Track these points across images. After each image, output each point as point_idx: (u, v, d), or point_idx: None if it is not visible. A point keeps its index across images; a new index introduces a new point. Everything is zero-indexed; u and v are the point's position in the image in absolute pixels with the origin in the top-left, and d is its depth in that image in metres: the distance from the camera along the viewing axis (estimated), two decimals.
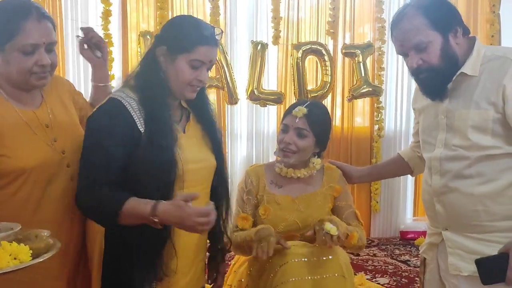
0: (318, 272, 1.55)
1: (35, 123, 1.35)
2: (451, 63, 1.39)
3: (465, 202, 1.42)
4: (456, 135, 1.44)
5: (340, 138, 3.22)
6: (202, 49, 1.36)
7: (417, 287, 2.27)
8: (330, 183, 1.80)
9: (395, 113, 3.28)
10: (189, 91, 1.41)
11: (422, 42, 1.36)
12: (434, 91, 1.46)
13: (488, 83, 1.37)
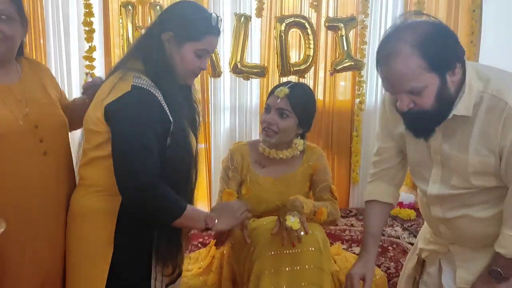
0: (296, 247, 1.63)
1: (6, 96, 1.38)
2: (446, 105, 1.25)
3: (475, 225, 1.37)
4: (453, 175, 1.36)
5: (322, 112, 3.27)
6: (209, 38, 1.40)
7: (391, 256, 2.38)
8: (309, 162, 1.87)
9: (376, 87, 3.33)
10: (191, 78, 1.47)
11: (418, 87, 1.20)
12: (421, 131, 1.32)
13: (486, 129, 1.25)
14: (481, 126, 1.25)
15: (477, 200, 1.35)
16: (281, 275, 1.60)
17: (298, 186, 1.85)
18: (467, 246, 1.44)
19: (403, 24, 1.23)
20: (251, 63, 2.99)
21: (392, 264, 2.29)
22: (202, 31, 1.38)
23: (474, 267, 1.42)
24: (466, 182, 1.33)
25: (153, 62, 1.39)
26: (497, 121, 1.21)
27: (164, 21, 1.42)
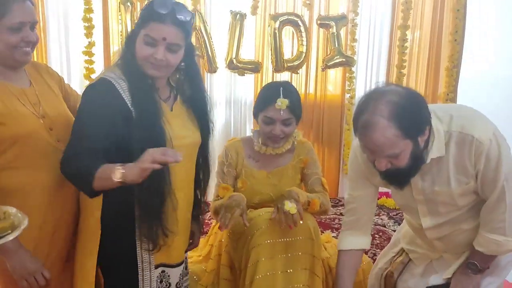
0: (289, 235, 1.77)
1: (24, 99, 1.46)
2: (419, 160, 1.39)
3: (465, 235, 1.56)
4: (439, 206, 1.52)
5: (313, 105, 3.40)
6: (153, 25, 1.37)
7: (377, 243, 2.54)
8: (300, 156, 2.00)
9: (365, 82, 3.46)
10: (148, 68, 1.43)
11: (395, 153, 1.33)
12: (398, 183, 1.47)
13: (460, 161, 1.41)
14: (455, 160, 1.41)
15: (466, 216, 1.53)
16: (276, 262, 1.72)
17: (290, 179, 1.98)
18: (459, 252, 1.62)
19: (377, 94, 1.34)
20: (246, 59, 3.09)
21: (378, 251, 2.45)
22: (147, 17, 1.39)
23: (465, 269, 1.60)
24: (453, 207, 1.50)
25: (123, 56, 1.46)
26: (469, 152, 1.38)
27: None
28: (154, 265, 1.53)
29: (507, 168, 1.40)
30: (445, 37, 3.48)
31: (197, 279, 1.99)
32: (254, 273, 1.72)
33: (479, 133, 1.36)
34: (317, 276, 1.79)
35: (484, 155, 1.37)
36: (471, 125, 1.38)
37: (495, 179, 1.40)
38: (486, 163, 1.38)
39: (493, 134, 1.37)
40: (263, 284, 1.70)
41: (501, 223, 1.44)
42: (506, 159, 1.39)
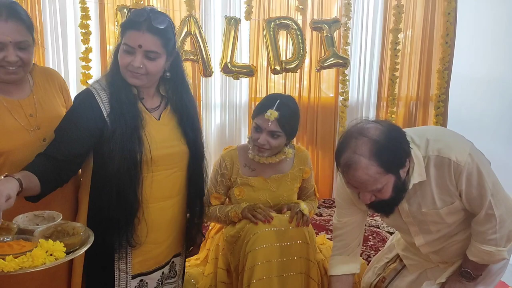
0: (285, 240, 1.82)
1: (18, 112, 1.50)
2: (402, 191, 1.46)
3: (459, 245, 1.62)
4: (429, 225, 1.58)
5: (307, 107, 3.44)
6: (130, 33, 1.42)
7: (371, 245, 2.59)
8: (300, 165, 2.04)
9: (358, 84, 3.51)
10: (128, 76, 1.47)
11: (378, 188, 1.39)
12: (384, 212, 1.55)
13: (442, 183, 1.47)
14: (436, 182, 1.47)
15: (457, 229, 1.59)
16: (272, 266, 1.77)
17: (288, 186, 2.02)
18: (455, 261, 1.68)
19: (357, 133, 1.38)
20: (241, 63, 3.13)
21: (372, 252, 2.49)
22: (125, 26, 1.44)
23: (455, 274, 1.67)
24: (443, 224, 1.56)
25: (109, 66, 1.52)
26: (448, 174, 1.43)
27: None
28: (131, 275, 1.59)
29: (490, 183, 1.45)
30: (437, 40, 3.54)
31: (195, 283, 2.03)
32: (250, 277, 1.77)
33: (456, 155, 1.41)
34: (313, 279, 1.85)
35: (464, 176, 1.42)
36: (447, 147, 1.44)
37: (481, 195, 1.45)
38: (467, 183, 1.43)
39: (469, 154, 1.42)
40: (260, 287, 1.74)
41: (492, 235, 1.50)
42: (487, 174, 1.44)
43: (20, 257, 1.13)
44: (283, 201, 1.99)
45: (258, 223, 1.84)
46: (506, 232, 1.50)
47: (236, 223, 1.93)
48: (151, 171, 1.53)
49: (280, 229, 1.84)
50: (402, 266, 1.85)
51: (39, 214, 1.40)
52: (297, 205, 1.93)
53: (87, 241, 1.28)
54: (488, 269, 1.63)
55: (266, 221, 1.82)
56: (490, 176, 1.46)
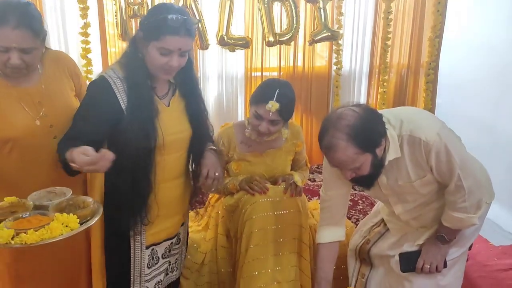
0: (279, 209, 1.96)
1: (26, 99, 1.56)
2: (379, 167, 1.61)
3: (436, 212, 1.79)
4: (407, 195, 1.74)
5: (301, 77, 3.54)
6: (169, 38, 1.49)
7: (360, 209, 2.77)
8: (293, 139, 2.14)
9: (351, 54, 3.60)
10: (163, 74, 1.58)
11: (356, 167, 1.55)
12: (364, 186, 1.71)
13: (414, 159, 1.62)
14: (410, 158, 1.62)
15: (433, 198, 1.75)
16: (268, 233, 1.93)
17: (282, 159, 2.16)
18: (434, 225, 1.84)
19: (335, 118, 1.53)
20: (236, 35, 3.19)
21: (361, 216, 2.67)
22: (161, 31, 1.49)
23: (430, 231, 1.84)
24: (418, 195, 1.72)
25: (127, 58, 1.59)
26: (419, 152, 1.59)
27: (140, 21, 1.59)
28: (145, 246, 1.75)
29: (458, 158, 1.60)
30: (429, 9, 3.59)
31: (197, 247, 2.19)
32: (248, 242, 1.92)
33: (425, 134, 1.57)
34: (304, 243, 2.01)
35: (433, 153, 1.57)
36: (418, 128, 1.59)
37: (450, 169, 1.61)
38: (436, 159, 1.59)
39: (437, 134, 1.56)
40: (257, 252, 1.91)
41: (462, 204, 1.66)
42: (455, 150, 1.59)
43: (40, 230, 1.24)
44: (277, 174, 2.13)
45: (255, 194, 2.00)
46: (475, 201, 1.67)
47: (234, 194, 2.09)
48: (163, 155, 1.65)
49: (275, 199, 1.99)
50: (385, 229, 2.02)
51: (51, 191, 1.50)
52: (291, 176, 2.08)
53: (97, 212, 1.39)
54: (461, 233, 1.81)
55: (262, 192, 1.98)
56: (457, 152, 1.60)
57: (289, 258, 1.94)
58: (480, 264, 3.06)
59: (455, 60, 3.95)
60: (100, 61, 3.09)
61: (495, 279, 2.90)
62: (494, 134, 3.68)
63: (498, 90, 3.69)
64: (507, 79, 3.59)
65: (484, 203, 1.72)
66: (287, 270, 1.92)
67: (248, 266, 1.91)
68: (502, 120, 3.64)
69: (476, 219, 1.71)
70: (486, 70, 3.79)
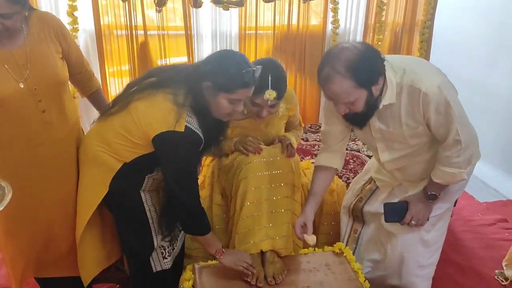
0: (273, 169, 2.03)
1: (10, 61, 1.57)
2: (373, 106, 1.63)
3: (421, 165, 1.84)
4: (395, 143, 1.77)
5: (296, 36, 3.52)
6: (242, 91, 1.62)
7: (351, 168, 2.85)
8: (287, 104, 2.17)
9: (346, 12, 3.56)
10: (226, 117, 1.71)
11: (351, 101, 1.58)
12: (356, 125, 1.75)
13: (410, 109, 1.64)
14: (406, 107, 1.65)
15: (418, 152, 1.80)
16: (262, 191, 2.01)
17: (277, 124, 2.20)
18: (416, 180, 1.91)
19: (336, 51, 1.55)
20: None
21: (351, 175, 2.74)
22: (236, 86, 1.59)
23: (420, 187, 1.91)
24: (406, 144, 1.77)
25: (200, 106, 1.63)
26: (417, 103, 1.61)
27: (206, 71, 1.62)
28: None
29: (457, 111, 1.64)
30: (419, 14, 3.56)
31: None
32: (243, 200, 2.00)
33: (426, 87, 1.59)
34: (297, 201, 2.10)
35: (432, 105, 1.61)
36: (419, 80, 1.61)
37: (449, 122, 1.64)
38: (436, 112, 1.62)
39: (438, 87, 1.59)
40: (251, 210, 1.99)
41: (456, 159, 1.71)
42: (454, 104, 1.63)
43: None
44: (271, 137, 2.19)
45: (249, 154, 2.06)
46: (468, 156, 1.72)
47: (229, 155, 2.15)
48: None
49: (269, 159, 2.05)
50: (376, 187, 2.11)
51: None
52: (286, 138, 2.14)
53: (5, 198, 1.38)
54: (447, 189, 1.88)
55: (256, 153, 2.04)
56: (457, 106, 1.64)
57: (282, 216, 2.03)
58: (464, 219, 3.21)
59: (450, 19, 3.94)
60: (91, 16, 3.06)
61: (478, 233, 3.05)
62: (487, 94, 3.74)
63: (492, 50, 3.71)
64: (501, 39, 3.61)
65: (474, 159, 1.77)
66: (280, 226, 2.01)
67: (243, 223, 1.99)
68: (495, 80, 3.68)
69: (465, 174, 1.77)
70: (480, 29, 3.79)
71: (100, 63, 3.18)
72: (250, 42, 3.43)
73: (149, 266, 1.89)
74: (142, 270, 1.91)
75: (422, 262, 2.00)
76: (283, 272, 1.89)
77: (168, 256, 1.92)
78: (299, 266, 1.95)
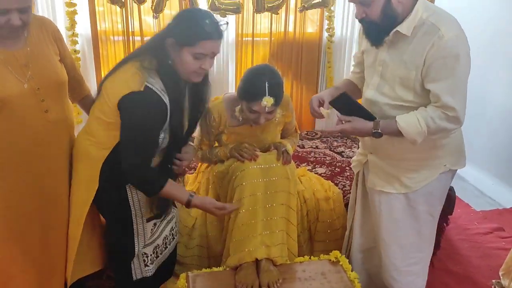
0: (269, 176, 2.02)
1: (13, 62, 1.59)
2: (389, 21, 1.60)
3: (385, 137, 1.72)
4: (386, 84, 1.72)
5: (292, 44, 3.52)
6: (205, 43, 1.55)
7: (347, 175, 2.84)
8: (283, 111, 2.16)
9: (342, 21, 3.57)
10: (195, 77, 1.64)
11: (367, 1, 1.57)
12: (372, 39, 1.69)
13: (417, 47, 1.60)
14: (415, 45, 1.61)
15: (393, 114, 1.70)
16: (257, 199, 1.99)
17: (272, 130, 2.20)
18: (379, 156, 1.87)
19: None
20: (227, 0, 3.16)
21: (347, 182, 2.73)
22: (198, 37, 1.54)
23: (380, 173, 1.87)
24: (392, 91, 1.70)
25: (159, 64, 1.59)
26: (429, 41, 1.57)
27: (169, 27, 1.60)
28: (146, 219, 1.84)
29: (461, 73, 1.57)
30: None
31: (188, 211, 2.27)
32: (238, 208, 1.99)
33: (446, 29, 1.55)
34: (292, 209, 2.09)
35: (441, 50, 1.55)
36: (443, 22, 1.58)
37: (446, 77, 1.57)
38: (441, 58, 1.55)
39: (456, 35, 1.56)
40: (246, 217, 1.98)
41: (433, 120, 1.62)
42: (463, 62, 1.57)
43: None
44: (267, 143, 2.18)
45: (244, 161, 2.04)
46: (442, 127, 1.64)
47: (224, 161, 2.13)
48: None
49: (265, 166, 2.04)
50: None
51: None
52: (282, 145, 2.13)
53: None
54: (429, 191, 1.84)
55: (252, 159, 2.03)
56: (463, 66, 1.58)
57: (277, 223, 2.01)
58: (460, 228, 3.20)
59: None
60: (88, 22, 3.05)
61: (475, 242, 3.04)
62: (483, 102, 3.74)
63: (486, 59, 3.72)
64: (495, 48, 3.62)
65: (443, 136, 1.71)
66: (275, 234, 1.99)
67: (238, 231, 1.98)
68: (491, 88, 3.69)
69: (421, 139, 1.66)
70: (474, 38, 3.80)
71: (96, 68, 3.17)
72: (247, 49, 3.43)
73: (130, 272, 1.87)
74: (125, 275, 1.88)
75: (398, 266, 1.96)
76: (278, 280, 1.87)
77: (150, 263, 1.89)
78: (294, 275, 1.94)
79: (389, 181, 1.87)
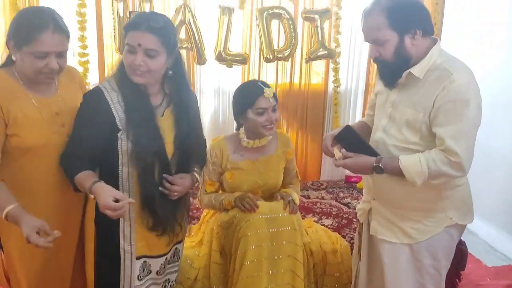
0: (275, 226, 1.97)
1: (46, 110, 1.60)
2: (402, 62, 1.60)
3: (387, 180, 1.70)
4: (394, 125, 1.69)
5: (298, 94, 3.56)
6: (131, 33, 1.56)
7: (354, 227, 2.77)
8: (284, 147, 2.18)
9: (347, 72, 3.63)
10: (132, 75, 1.60)
11: (380, 39, 1.58)
12: (386, 80, 1.69)
13: (428, 90, 1.59)
14: (426, 88, 1.60)
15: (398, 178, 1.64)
16: (263, 250, 1.93)
17: (275, 166, 2.18)
18: (382, 202, 1.81)
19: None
20: (234, 51, 3.23)
21: (355, 235, 2.68)
22: (126, 29, 1.57)
23: (383, 220, 1.80)
24: (399, 133, 1.67)
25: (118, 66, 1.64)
26: (440, 84, 1.55)
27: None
28: (136, 256, 1.75)
29: (469, 120, 1.54)
30: None
31: (190, 263, 2.19)
32: (243, 259, 1.92)
33: (458, 75, 1.54)
34: (299, 261, 2.01)
35: (451, 93, 1.52)
36: (457, 69, 1.56)
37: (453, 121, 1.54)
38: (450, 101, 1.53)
39: (467, 82, 1.54)
40: (251, 269, 1.91)
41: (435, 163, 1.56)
42: (472, 109, 1.53)
43: None
44: (270, 181, 2.15)
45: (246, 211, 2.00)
46: (444, 172, 1.58)
47: (229, 210, 2.08)
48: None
49: (271, 216, 1.99)
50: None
51: None
52: (288, 194, 2.09)
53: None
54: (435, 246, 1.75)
55: (252, 211, 1.98)
56: (472, 113, 1.54)
57: (283, 276, 1.94)
58: (472, 284, 3.07)
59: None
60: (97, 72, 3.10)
61: None
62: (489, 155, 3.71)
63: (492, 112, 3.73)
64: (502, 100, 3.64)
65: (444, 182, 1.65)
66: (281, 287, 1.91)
67: (242, 284, 1.90)
68: (497, 141, 3.67)
69: (421, 181, 1.61)
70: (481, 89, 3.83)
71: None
72: None
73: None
74: None
75: None
76: None
77: None
78: None
79: (391, 230, 1.79)
